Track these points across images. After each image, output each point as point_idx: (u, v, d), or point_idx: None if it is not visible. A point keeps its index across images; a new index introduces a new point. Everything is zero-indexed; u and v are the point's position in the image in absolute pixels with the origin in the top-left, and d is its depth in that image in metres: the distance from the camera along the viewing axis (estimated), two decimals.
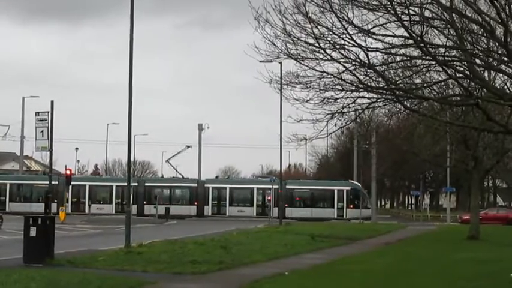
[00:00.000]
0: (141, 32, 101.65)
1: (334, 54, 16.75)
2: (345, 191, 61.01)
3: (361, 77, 17.31)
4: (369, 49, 16.44)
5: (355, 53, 16.61)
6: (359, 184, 63.76)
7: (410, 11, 15.61)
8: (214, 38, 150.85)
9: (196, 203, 62.29)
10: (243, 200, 63.71)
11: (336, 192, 61.49)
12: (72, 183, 57.20)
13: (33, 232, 19.31)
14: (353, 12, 15.88)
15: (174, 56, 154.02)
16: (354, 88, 17.66)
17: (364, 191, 62.68)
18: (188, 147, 71.87)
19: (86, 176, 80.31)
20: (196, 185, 63.40)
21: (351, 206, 60.69)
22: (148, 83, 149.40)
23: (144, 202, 62.44)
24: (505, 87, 24.10)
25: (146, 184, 64.38)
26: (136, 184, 62.00)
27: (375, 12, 15.87)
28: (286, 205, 60.40)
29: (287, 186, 61.15)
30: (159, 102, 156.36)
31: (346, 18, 15.88)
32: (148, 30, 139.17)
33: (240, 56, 18.17)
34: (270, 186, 57.90)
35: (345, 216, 59.90)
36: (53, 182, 56.86)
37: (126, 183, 26.64)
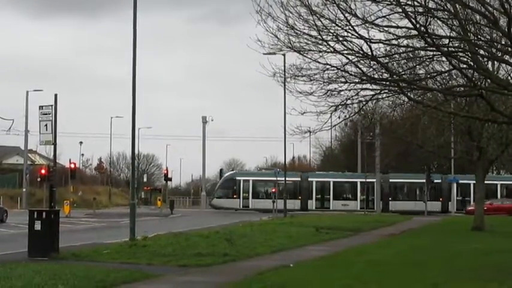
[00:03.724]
0: (155, 25, 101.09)
1: (338, 46, 16.72)
2: None
3: (364, 69, 17.30)
4: (372, 41, 16.41)
5: (358, 45, 16.58)
6: None
7: (414, 2, 15.57)
8: (229, 31, 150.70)
9: (441, 199, 62.05)
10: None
11: None
12: (315, 179, 61.62)
13: (38, 226, 19.34)
14: (356, 4, 15.86)
15: (187, 49, 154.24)
16: (357, 80, 17.65)
17: None
18: None
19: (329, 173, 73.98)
20: (440, 180, 62.92)
21: None
22: (161, 76, 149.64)
23: (390, 198, 62.75)
24: (509, 77, 24.09)
25: (391, 180, 64.21)
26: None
27: (378, 4, 15.83)
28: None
29: None
30: (171, 95, 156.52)
31: (349, 10, 15.85)
32: (163, 23, 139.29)
33: (251, 50, 18.01)
34: None
35: None
36: (294, 179, 60.91)
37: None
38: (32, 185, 66.39)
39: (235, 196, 62.22)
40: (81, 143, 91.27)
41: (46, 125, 24.31)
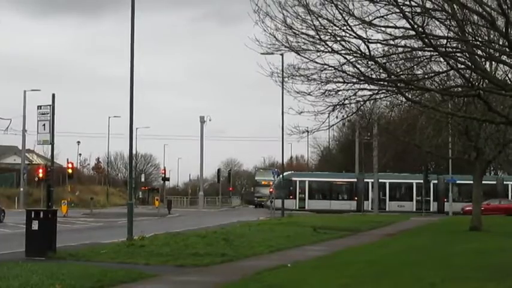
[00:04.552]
0: (155, 25, 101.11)
1: (335, 46, 16.72)
2: None
3: (362, 69, 17.28)
4: (370, 41, 16.40)
5: (356, 45, 16.57)
6: None
7: (412, 2, 15.57)
8: (229, 31, 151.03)
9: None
10: None
11: None
12: (371, 180, 59.70)
13: (35, 225, 19.33)
14: (353, 4, 15.86)
15: (186, 48, 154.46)
16: (355, 80, 17.64)
17: None
18: None
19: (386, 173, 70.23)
20: (495, 182, 62.20)
21: None
22: (160, 76, 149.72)
23: (445, 200, 62.20)
24: (507, 78, 24.11)
25: (447, 181, 63.50)
26: (436, 181, 62.17)
27: (376, 4, 15.83)
28: None
29: None
30: (169, 95, 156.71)
31: (347, 10, 15.84)
32: (163, 23, 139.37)
33: (249, 50, 18.00)
34: None
35: None
36: (350, 179, 61.43)
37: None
38: (30, 184, 66.38)
39: (291, 197, 61.58)
40: (78, 142, 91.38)
41: (44, 125, 24.41)
